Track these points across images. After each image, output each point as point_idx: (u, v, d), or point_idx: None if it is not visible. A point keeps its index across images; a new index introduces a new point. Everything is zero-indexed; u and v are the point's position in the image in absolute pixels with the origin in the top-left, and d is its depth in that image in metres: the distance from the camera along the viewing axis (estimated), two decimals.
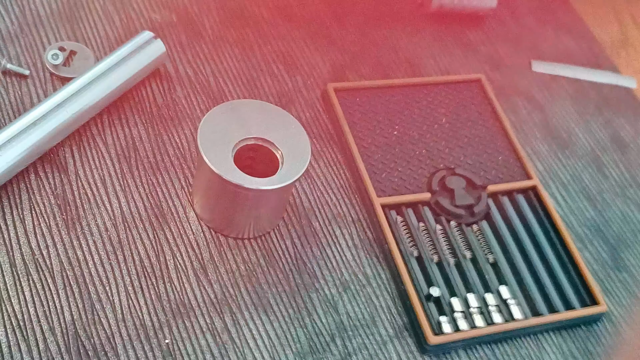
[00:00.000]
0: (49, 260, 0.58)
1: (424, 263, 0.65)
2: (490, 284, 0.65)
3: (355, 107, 0.74)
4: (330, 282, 0.63)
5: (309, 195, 0.68)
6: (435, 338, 0.60)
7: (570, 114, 0.83)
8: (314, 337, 0.60)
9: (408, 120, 0.74)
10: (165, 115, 0.69)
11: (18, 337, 0.54)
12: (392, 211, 0.68)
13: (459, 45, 0.86)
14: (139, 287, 0.59)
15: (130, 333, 0.57)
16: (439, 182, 0.70)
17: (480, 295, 0.65)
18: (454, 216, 0.68)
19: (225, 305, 0.60)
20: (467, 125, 0.76)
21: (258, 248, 0.63)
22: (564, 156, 0.79)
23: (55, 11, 0.73)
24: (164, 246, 0.61)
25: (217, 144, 0.59)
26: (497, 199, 0.71)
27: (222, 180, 0.57)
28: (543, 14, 0.93)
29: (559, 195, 0.75)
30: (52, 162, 0.64)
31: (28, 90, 0.67)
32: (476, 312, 0.63)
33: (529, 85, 0.85)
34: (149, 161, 0.66)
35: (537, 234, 0.70)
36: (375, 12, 0.86)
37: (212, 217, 0.63)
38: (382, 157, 0.71)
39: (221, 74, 0.74)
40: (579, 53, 0.90)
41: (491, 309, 0.64)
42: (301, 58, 0.78)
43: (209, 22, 0.78)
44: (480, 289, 0.65)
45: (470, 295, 0.64)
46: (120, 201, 0.63)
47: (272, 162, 0.61)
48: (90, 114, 0.65)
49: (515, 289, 0.66)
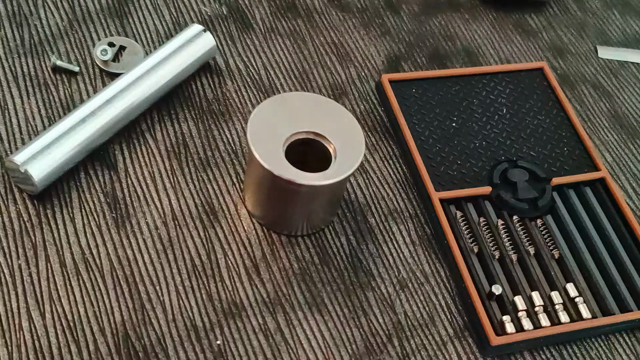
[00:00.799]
0: (98, 259, 0.57)
1: (485, 260, 0.62)
2: (556, 281, 0.62)
3: (412, 99, 0.71)
4: (387, 280, 0.61)
5: (364, 190, 0.66)
6: (498, 338, 0.57)
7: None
8: (370, 337, 0.58)
9: (467, 111, 0.71)
10: (215, 109, 0.68)
11: (68, 338, 0.53)
12: (452, 206, 0.65)
13: (519, 33, 0.82)
14: (190, 286, 0.57)
15: (181, 334, 0.55)
16: (500, 175, 0.67)
17: (545, 293, 0.61)
18: (516, 210, 0.65)
19: (278, 305, 0.58)
20: (530, 116, 0.72)
21: (312, 245, 0.61)
22: (635, 146, 0.75)
23: (104, 6, 0.72)
24: (215, 244, 0.60)
25: (268, 138, 0.57)
26: (562, 191, 0.68)
27: (273, 176, 0.56)
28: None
29: (629, 188, 0.71)
30: (101, 159, 0.63)
31: (78, 87, 0.66)
32: (541, 311, 0.60)
33: (595, 73, 0.80)
34: (199, 157, 0.64)
35: (606, 228, 0.66)
36: (431, 0, 0.83)
37: (264, 214, 0.61)
38: (440, 150, 0.68)
39: (272, 67, 0.72)
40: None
41: (557, 307, 0.60)
42: (354, 49, 0.76)
43: (259, 13, 0.76)
44: (545, 287, 0.62)
45: (534, 293, 0.60)
46: (170, 198, 0.62)
47: (324, 157, 0.59)
48: (139, 110, 0.64)
49: (583, 287, 0.62)
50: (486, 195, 0.66)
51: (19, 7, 0.70)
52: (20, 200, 0.59)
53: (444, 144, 0.68)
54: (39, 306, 0.54)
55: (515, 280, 0.61)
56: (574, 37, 0.84)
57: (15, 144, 0.62)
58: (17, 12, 0.70)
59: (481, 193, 0.65)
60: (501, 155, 0.69)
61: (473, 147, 0.69)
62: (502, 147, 0.69)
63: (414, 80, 0.72)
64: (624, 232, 0.66)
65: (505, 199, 0.65)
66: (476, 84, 0.74)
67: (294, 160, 0.58)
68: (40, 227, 0.58)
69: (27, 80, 0.66)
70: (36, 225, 0.58)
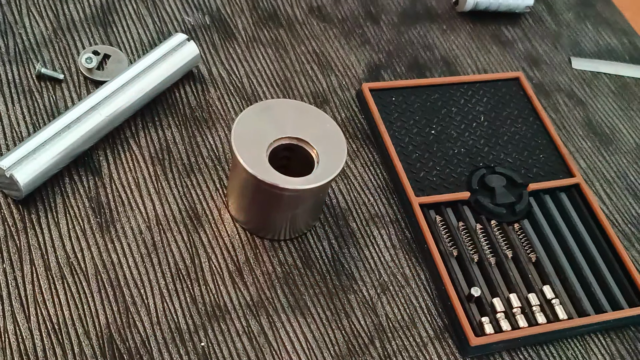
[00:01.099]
0: (83, 263, 0.58)
1: (464, 263, 0.63)
2: (533, 284, 0.63)
3: (391, 107, 0.72)
4: (368, 284, 0.62)
5: (346, 195, 0.67)
6: (477, 339, 0.58)
7: (613, 110, 0.81)
8: (353, 339, 0.59)
9: (446, 119, 0.73)
10: (198, 117, 0.69)
11: (53, 341, 0.54)
12: (431, 210, 0.66)
13: (495, 43, 0.84)
14: (174, 289, 0.58)
15: (165, 336, 0.56)
16: (478, 180, 0.68)
17: (523, 295, 0.63)
18: (494, 215, 0.66)
19: (262, 308, 0.59)
20: (507, 124, 0.74)
21: (295, 249, 0.62)
22: (608, 153, 0.77)
23: (89, 15, 0.73)
24: (198, 248, 0.61)
25: (252, 144, 0.58)
26: (538, 197, 0.69)
27: (257, 180, 0.56)
28: (582, 9, 0.91)
29: (603, 193, 0.73)
30: (86, 165, 0.63)
31: (62, 94, 0.67)
32: (519, 312, 0.61)
33: (569, 82, 0.82)
34: (183, 163, 0.65)
35: (580, 232, 0.68)
36: (410, 10, 0.84)
37: (247, 219, 0.62)
38: (420, 157, 0.69)
39: (255, 75, 0.73)
40: (620, 48, 0.88)
41: (534, 309, 0.62)
42: (335, 58, 0.77)
43: (241, 23, 0.77)
44: (523, 289, 0.63)
45: (512, 295, 0.62)
46: (154, 203, 0.62)
47: (307, 162, 0.60)
48: (123, 117, 0.65)
49: (559, 289, 0.64)
50: (465, 201, 0.67)
51: (4, 15, 0.71)
52: (5, 205, 0.59)
53: (424, 151, 0.70)
54: (24, 309, 0.55)
55: (493, 282, 0.62)
56: (548, 48, 0.86)
57: (0, 150, 0.62)
58: (2, 20, 0.71)
59: (460, 198, 0.67)
60: (479, 162, 0.70)
61: (452, 154, 0.70)
62: (480, 153, 0.71)
63: (393, 89, 0.74)
64: (597, 236, 0.67)
65: (483, 203, 0.66)
66: (454, 92, 0.75)
67: (277, 166, 0.59)
68: (25, 231, 0.58)
69: (12, 87, 0.66)
70: (21, 230, 0.58)
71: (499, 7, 0.85)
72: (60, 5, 0.73)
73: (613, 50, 0.87)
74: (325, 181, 0.57)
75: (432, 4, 0.86)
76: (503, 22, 0.87)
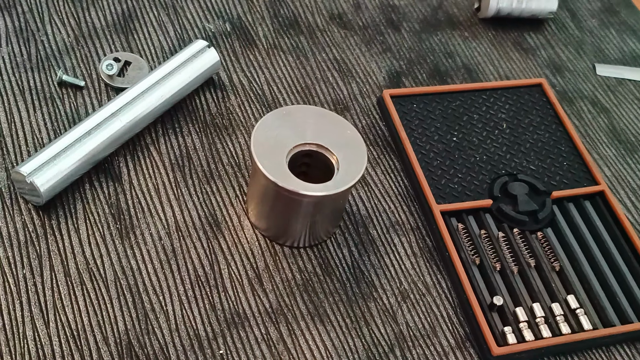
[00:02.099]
0: (102, 269, 0.58)
1: (486, 271, 0.62)
2: (556, 293, 0.62)
3: (413, 114, 0.72)
4: (388, 292, 0.61)
5: (366, 203, 0.66)
6: (500, 349, 0.57)
7: (638, 117, 0.80)
8: (372, 347, 0.58)
9: (467, 125, 0.72)
10: (219, 123, 0.68)
11: (72, 347, 0.54)
12: (453, 218, 0.66)
13: (517, 50, 0.83)
14: (193, 296, 0.58)
15: (184, 343, 0.55)
16: (500, 188, 0.67)
17: (546, 304, 0.62)
18: (516, 223, 0.66)
19: (281, 315, 0.58)
20: (529, 130, 0.73)
21: (314, 257, 0.62)
22: (634, 160, 0.75)
23: (110, 23, 0.73)
24: (218, 255, 0.60)
25: (271, 150, 0.58)
26: (562, 205, 0.68)
27: (276, 186, 0.56)
28: (606, 16, 0.90)
29: (628, 202, 0.72)
30: (106, 171, 0.63)
31: (83, 100, 0.67)
32: (542, 322, 0.60)
33: (593, 89, 0.81)
34: (202, 170, 0.65)
35: (605, 240, 0.66)
36: (431, 18, 0.84)
37: (266, 226, 0.62)
38: (441, 164, 0.68)
39: (275, 82, 0.73)
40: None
41: (558, 319, 0.61)
42: (356, 65, 0.77)
43: (262, 30, 0.77)
44: (546, 298, 0.62)
45: (535, 304, 0.61)
46: (174, 210, 0.62)
47: (327, 168, 0.60)
48: (144, 123, 0.65)
49: (583, 298, 0.63)
50: (487, 208, 0.66)
51: (27, 23, 0.71)
52: (25, 211, 0.60)
53: (445, 158, 0.69)
54: (43, 315, 0.55)
55: (516, 291, 0.62)
56: (572, 54, 0.85)
57: (22, 156, 0.63)
58: (25, 28, 0.71)
59: (482, 205, 0.66)
60: (501, 169, 0.69)
61: (473, 161, 0.69)
62: (502, 160, 0.70)
63: (415, 95, 0.73)
64: (623, 245, 0.66)
65: (505, 211, 0.66)
66: (476, 99, 0.75)
67: (297, 172, 0.59)
68: (45, 237, 0.59)
69: (33, 94, 0.67)
70: (41, 236, 0.59)
71: (522, 13, 0.84)
72: (82, 13, 0.73)
73: (638, 57, 0.86)
74: (345, 188, 0.57)
75: (454, 10, 0.85)
76: (525, 28, 0.86)
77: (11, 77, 0.67)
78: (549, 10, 0.85)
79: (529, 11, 0.84)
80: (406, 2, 0.84)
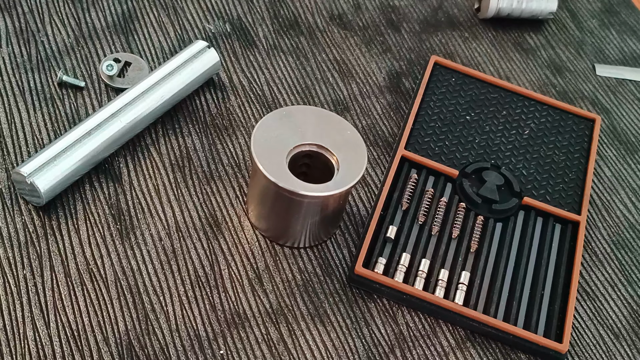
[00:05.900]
0: (103, 270, 0.58)
1: (407, 217, 0.64)
2: (455, 265, 0.62)
3: (445, 84, 0.75)
4: None
5: (366, 203, 0.66)
6: (362, 270, 0.59)
7: (638, 117, 0.80)
8: (373, 348, 0.58)
9: (489, 115, 0.73)
10: (219, 124, 0.68)
11: (72, 347, 0.54)
12: (414, 169, 0.68)
13: (518, 51, 0.83)
14: (193, 297, 0.58)
15: (184, 343, 0.55)
16: (476, 169, 0.68)
17: (437, 266, 0.62)
18: (469, 201, 0.66)
19: (281, 316, 0.58)
20: (548, 147, 0.72)
21: (314, 257, 0.62)
22: (634, 161, 0.75)
23: (110, 24, 0.73)
24: (218, 256, 0.60)
25: (272, 150, 0.58)
26: (529, 214, 0.67)
27: (276, 187, 0.56)
28: (606, 16, 0.90)
29: (629, 202, 0.72)
30: (106, 172, 0.63)
31: (83, 101, 0.67)
32: (422, 275, 0.61)
33: (593, 90, 0.81)
34: (202, 170, 0.65)
35: (545, 259, 0.64)
36: (431, 18, 0.84)
37: (267, 226, 0.62)
38: (437, 128, 0.71)
39: (275, 83, 0.73)
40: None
41: (439, 282, 0.61)
42: (356, 65, 0.77)
43: (262, 31, 0.77)
44: (442, 262, 0.62)
45: (424, 260, 0.62)
46: (174, 211, 0.62)
47: (327, 169, 0.60)
48: (144, 124, 0.65)
49: (478, 282, 0.61)
50: (451, 178, 0.68)
51: (27, 24, 0.71)
52: (26, 212, 0.60)
53: (446, 126, 0.71)
54: (44, 316, 0.55)
55: (420, 244, 0.63)
56: (572, 55, 0.85)
57: (22, 156, 0.63)
58: (25, 28, 0.71)
59: (447, 172, 0.67)
60: (492, 160, 0.70)
61: (470, 140, 0.71)
62: (498, 154, 0.70)
63: (459, 72, 0.76)
64: (560, 268, 0.64)
65: (464, 187, 0.66)
66: (517, 102, 0.75)
67: (297, 172, 0.59)
68: (45, 238, 0.59)
69: (33, 94, 0.67)
70: (41, 236, 0.59)
71: (522, 13, 0.84)
72: (82, 13, 0.73)
73: (639, 57, 0.86)
74: (345, 188, 0.57)
75: (454, 11, 0.85)
76: (525, 29, 0.86)
77: (11, 77, 0.67)
78: (549, 11, 0.85)
79: (529, 11, 0.84)
80: (406, 3, 0.84)
